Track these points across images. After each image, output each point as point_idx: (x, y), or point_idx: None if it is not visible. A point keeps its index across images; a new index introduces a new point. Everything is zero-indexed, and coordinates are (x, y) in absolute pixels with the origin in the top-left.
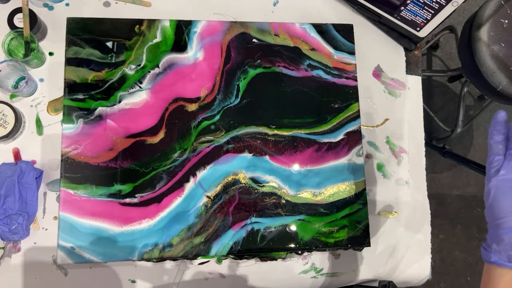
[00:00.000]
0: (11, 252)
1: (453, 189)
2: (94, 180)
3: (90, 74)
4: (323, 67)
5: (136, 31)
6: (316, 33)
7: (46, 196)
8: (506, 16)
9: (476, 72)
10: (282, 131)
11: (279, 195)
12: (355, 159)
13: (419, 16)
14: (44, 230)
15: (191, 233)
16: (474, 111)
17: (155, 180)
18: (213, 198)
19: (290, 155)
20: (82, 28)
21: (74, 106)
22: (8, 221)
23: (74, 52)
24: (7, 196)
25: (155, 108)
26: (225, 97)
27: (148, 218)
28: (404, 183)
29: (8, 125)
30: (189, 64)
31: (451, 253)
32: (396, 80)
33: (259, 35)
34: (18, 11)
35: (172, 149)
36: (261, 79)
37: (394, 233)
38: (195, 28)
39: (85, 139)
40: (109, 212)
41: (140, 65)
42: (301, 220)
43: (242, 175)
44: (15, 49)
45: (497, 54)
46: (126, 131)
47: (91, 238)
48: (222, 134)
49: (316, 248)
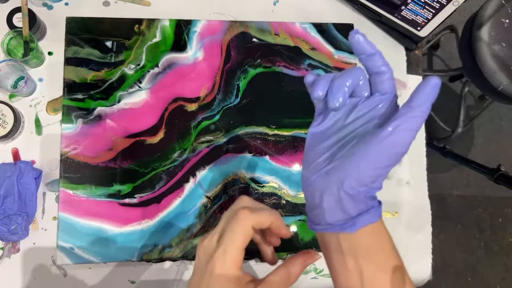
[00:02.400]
0: (10, 252)
1: (454, 189)
2: (94, 180)
3: (89, 73)
4: (323, 67)
5: (136, 30)
6: (316, 33)
7: (45, 196)
8: (507, 16)
9: (477, 72)
10: (282, 131)
11: (279, 196)
12: None
13: (420, 15)
14: (43, 230)
15: (190, 233)
16: (475, 111)
17: (155, 180)
18: (212, 199)
19: (290, 155)
20: (81, 28)
21: (74, 106)
22: (7, 221)
23: (73, 51)
24: (6, 196)
25: (155, 108)
26: (225, 97)
27: (148, 218)
28: (405, 183)
29: (7, 125)
30: (189, 63)
31: (451, 254)
32: (396, 80)
33: (259, 35)
34: (17, 10)
35: (171, 149)
36: (261, 79)
37: (395, 234)
38: (194, 28)
39: (85, 139)
40: (108, 213)
41: (139, 65)
42: (301, 220)
43: (242, 175)
44: (14, 48)
45: (498, 53)
46: (125, 131)
47: (90, 238)
48: (222, 134)
49: (316, 249)
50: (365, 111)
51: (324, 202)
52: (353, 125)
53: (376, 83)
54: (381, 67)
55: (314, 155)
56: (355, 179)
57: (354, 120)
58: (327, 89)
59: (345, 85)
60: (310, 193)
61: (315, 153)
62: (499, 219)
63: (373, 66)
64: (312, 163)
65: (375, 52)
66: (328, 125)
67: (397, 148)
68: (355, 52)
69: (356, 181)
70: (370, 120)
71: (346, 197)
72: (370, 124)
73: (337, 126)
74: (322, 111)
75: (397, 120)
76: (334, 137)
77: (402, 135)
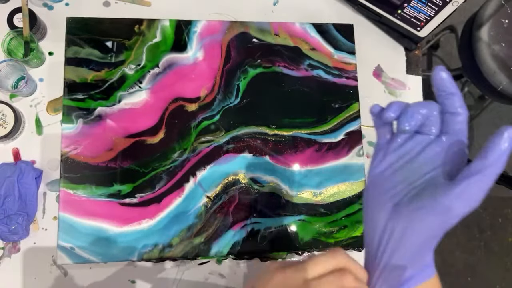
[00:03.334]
0: (10, 252)
1: None
2: (94, 180)
3: (89, 74)
4: (323, 67)
5: (136, 30)
6: (316, 33)
7: (46, 196)
8: (506, 16)
9: (477, 72)
10: (282, 131)
11: (279, 195)
12: (355, 159)
13: (422, 12)
14: (44, 230)
15: (191, 233)
16: (475, 111)
17: (155, 180)
18: (213, 198)
19: (290, 155)
20: (81, 28)
21: (74, 106)
22: (8, 221)
23: (73, 52)
24: (6, 196)
25: (155, 108)
26: (225, 97)
27: (148, 218)
28: None
29: (8, 125)
30: (189, 64)
31: (451, 254)
32: (396, 80)
33: (259, 35)
34: (17, 11)
35: (171, 149)
36: (261, 79)
37: None
38: (195, 28)
39: (85, 139)
40: (108, 212)
41: (139, 65)
42: (301, 220)
43: (242, 175)
44: (15, 49)
45: (498, 54)
46: (125, 131)
47: (90, 238)
48: (222, 134)
49: (316, 249)
50: (433, 153)
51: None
52: (420, 167)
53: (448, 123)
54: (458, 108)
55: (377, 195)
56: (418, 233)
57: (421, 160)
58: (398, 113)
59: (419, 112)
60: (370, 231)
61: (378, 192)
62: (499, 219)
63: (451, 106)
64: (377, 203)
65: (456, 92)
66: (390, 161)
67: (472, 203)
68: (435, 87)
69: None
70: (438, 165)
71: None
72: (438, 170)
73: (400, 163)
74: (382, 146)
75: (472, 178)
76: (398, 176)
77: (475, 193)
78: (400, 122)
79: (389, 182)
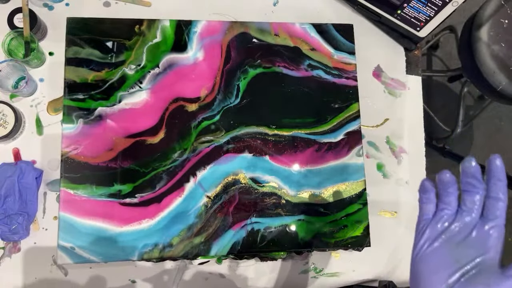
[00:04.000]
0: (11, 252)
1: None
2: (94, 180)
3: (90, 74)
4: (323, 67)
5: (136, 31)
6: (316, 33)
7: (46, 196)
8: (506, 16)
9: (476, 72)
10: (282, 131)
11: (279, 195)
12: (355, 159)
13: (422, 13)
14: (44, 230)
15: (191, 233)
16: (474, 111)
17: (155, 180)
18: (213, 198)
19: (290, 155)
20: (82, 28)
21: (74, 106)
22: (8, 221)
23: (74, 52)
24: (7, 196)
25: (155, 108)
26: (225, 97)
27: (148, 218)
28: (404, 183)
29: (8, 125)
30: (189, 64)
31: None
32: (396, 80)
33: (259, 35)
34: (18, 11)
35: (172, 149)
36: (261, 79)
37: (394, 233)
38: (195, 28)
39: (85, 139)
40: (109, 212)
41: (140, 65)
42: (301, 220)
43: (242, 175)
44: (15, 49)
45: (497, 54)
46: (126, 131)
47: (91, 238)
48: (222, 134)
49: (316, 248)
50: (479, 237)
51: None
52: (469, 250)
53: (489, 206)
54: (501, 195)
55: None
56: None
57: (469, 243)
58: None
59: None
60: None
61: (428, 270)
62: None
63: (496, 191)
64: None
65: (504, 180)
66: (437, 238)
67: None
68: (488, 173)
69: None
70: (485, 251)
71: None
72: (486, 256)
73: (449, 243)
74: (427, 221)
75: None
76: (448, 256)
77: None
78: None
79: (440, 261)
